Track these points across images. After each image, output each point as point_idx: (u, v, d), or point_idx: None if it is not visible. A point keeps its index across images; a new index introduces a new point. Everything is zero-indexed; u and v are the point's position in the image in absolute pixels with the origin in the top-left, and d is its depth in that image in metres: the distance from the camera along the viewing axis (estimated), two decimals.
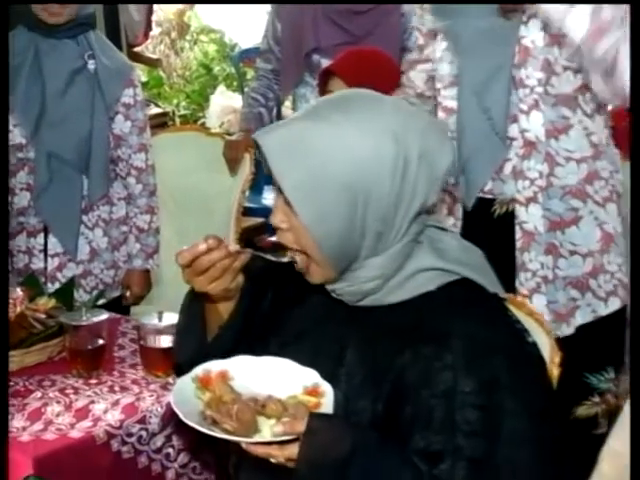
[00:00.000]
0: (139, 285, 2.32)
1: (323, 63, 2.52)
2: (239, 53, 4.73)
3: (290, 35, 2.73)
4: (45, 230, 2.23)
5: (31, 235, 2.23)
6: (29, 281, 1.99)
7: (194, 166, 2.69)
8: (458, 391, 1.08)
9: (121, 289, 2.33)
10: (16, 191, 2.21)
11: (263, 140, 1.12)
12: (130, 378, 1.65)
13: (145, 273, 2.33)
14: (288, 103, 3.28)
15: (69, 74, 2.18)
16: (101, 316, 1.69)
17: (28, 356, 1.67)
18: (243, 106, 2.96)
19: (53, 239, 2.22)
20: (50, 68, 2.17)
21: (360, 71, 2.12)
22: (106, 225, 2.27)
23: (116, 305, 2.27)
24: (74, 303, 1.95)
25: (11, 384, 1.59)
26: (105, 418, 1.49)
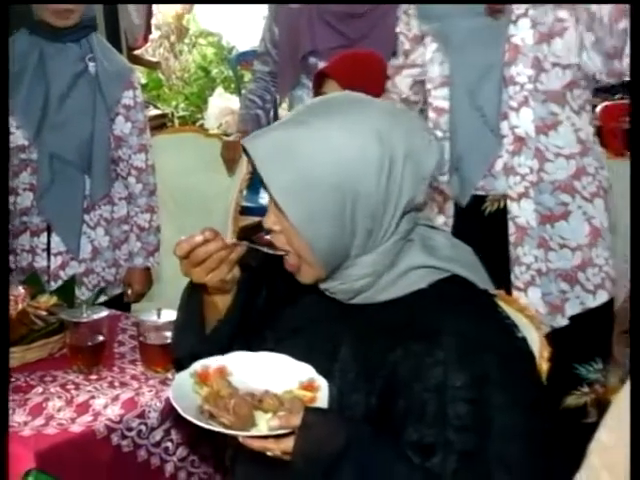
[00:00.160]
0: (140, 282, 2.32)
1: (319, 65, 2.51)
2: (236, 56, 4.73)
3: (287, 38, 2.72)
4: (48, 229, 2.22)
5: (34, 234, 2.22)
6: (31, 279, 1.98)
7: (193, 166, 2.69)
8: (449, 386, 1.07)
9: (122, 287, 2.32)
10: (19, 191, 2.20)
11: (251, 146, 1.12)
12: (130, 374, 1.64)
13: (146, 271, 2.32)
14: (285, 105, 3.27)
15: (72, 77, 2.18)
16: (101, 313, 1.68)
17: (29, 352, 1.66)
18: (241, 108, 2.96)
19: (56, 238, 2.22)
20: (55, 71, 2.17)
21: (354, 73, 2.11)
22: (107, 224, 2.26)
23: (118, 302, 2.26)
24: (75, 300, 1.94)
25: (13, 380, 1.59)
26: (105, 413, 1.48)
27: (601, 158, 1.76)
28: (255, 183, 2.89)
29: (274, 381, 1.17)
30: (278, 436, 1.07)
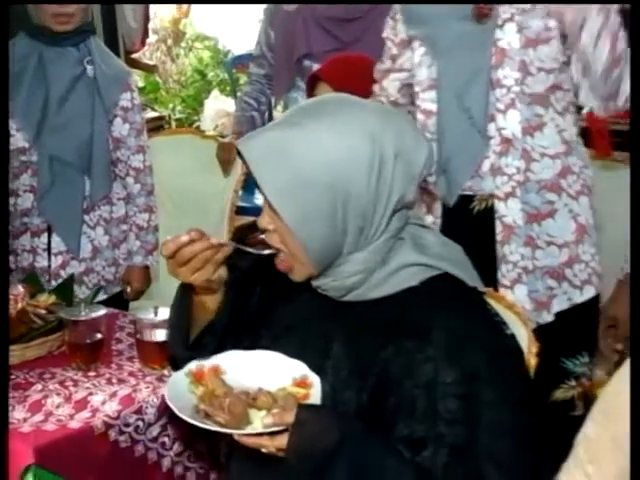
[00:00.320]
0: (139, 281, 2.30)
1: (314, 68, 2.50)
2: (232, 59, 4.71)
3: (282, 42, 2.71)
4: (49, 230, 2.21)
5: (35, 235, 2.21)
6: (30, 278, 1.97)
7: (189, 167, 2.68)
8: (439, 382, 1.06)
9: (122, 285, 2.31)
10: (20, 193, 2.19)
11: (244, 147, 1.11)
12: (127, 370, 1.63)
13: (145, 269, 2.31)
14: (280, 107, 3.26)
15: (70, 80, 2.16)
16: (99, 311, 1.68)
17: (29, 350, 1.65)
18: (236, 110, 2.95)
19: (57, 238, 2.20)
20: (54, 75, 2.16)
21: (345, 76, 2.10)
22: (107, 224, 2.25)
23: (117, 300, 2.25)
24: (74, 299, 1.93)
25: (12, 377, 1.58)
26: (103, 409, 1.47)
27: (585, 158, 1.75)
28: (250, 184, 2.88)
29: (267, 379, 1.16)
30: (272, 433, 1.06)
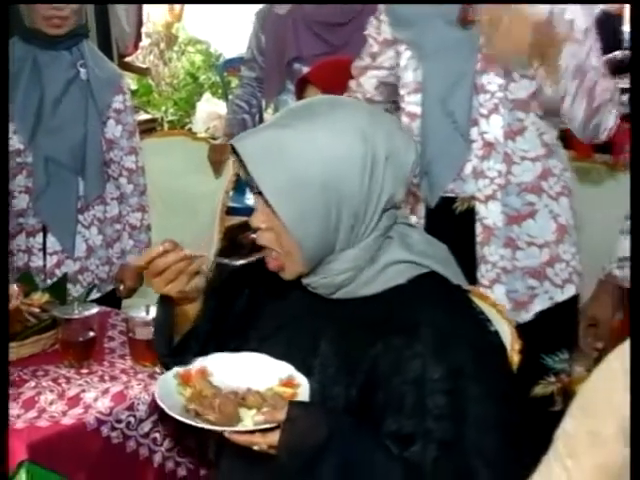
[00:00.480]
0: (132, 279, 2.28)
1: (304, 71, 2.49)
2: (224, 63, 4.69)
3: (273, 45, 2.71)
4: (44, 230, 2.19)
5: (30, 235, 2.19)
6: (24, 277, 1.95)
7: (181, 169, 2.67)
8: (427, 378, 1.06)
9: (115, 283, 2.30)
10: (15, 194, 2.17)
11: (241, 145, 1.10)
12: (119, 368, 1.62)
13: (138, 268, 2.29)
14: (270, 110, 3.25)
15: (64, 83, 2.15)
16: (92, 310, 1.67)
17: (23, 348, 1.64)
18: (228, 112, 2.95)
19: (52, 238, 2.19)
20: (48, 78, 2.14)
21: (334, 79, 2.09)
22: (101, 224, 2.23)
23: (110, 298, 2.24)
24: (67, 298, 1.91)
25: None
26: (95, 406, 1.46)
27: (565, 160, 1.75)
28: (241, 185, 2.88)
29: (254, 380, 1.15)
30: (264, 431, 1.05)
